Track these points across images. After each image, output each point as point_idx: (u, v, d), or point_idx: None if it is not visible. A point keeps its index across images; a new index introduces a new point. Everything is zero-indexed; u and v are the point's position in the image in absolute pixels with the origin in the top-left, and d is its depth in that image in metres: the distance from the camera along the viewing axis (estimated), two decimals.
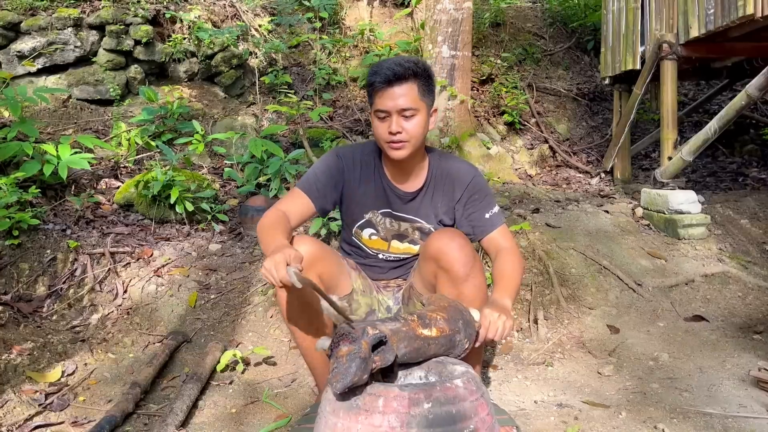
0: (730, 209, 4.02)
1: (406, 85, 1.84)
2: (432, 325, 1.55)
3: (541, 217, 3.82)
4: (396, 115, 1.85)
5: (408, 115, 1.85)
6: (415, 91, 1.85)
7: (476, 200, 2.01)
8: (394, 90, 1.83)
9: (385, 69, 1.83)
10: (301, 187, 1.99)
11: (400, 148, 1.88)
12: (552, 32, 7.06)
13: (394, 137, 1.86)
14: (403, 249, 2.12)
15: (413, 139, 1.88)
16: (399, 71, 1.82)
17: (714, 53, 4.17)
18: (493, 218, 2.01)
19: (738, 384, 2.38)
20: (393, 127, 1.84)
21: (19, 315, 2.87)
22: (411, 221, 2.07)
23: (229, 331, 2.90)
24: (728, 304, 3.22)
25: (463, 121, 5.10)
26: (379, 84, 1.84)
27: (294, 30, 6.15)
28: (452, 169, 2.05)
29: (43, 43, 5.07)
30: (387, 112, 1.85)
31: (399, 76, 1.82)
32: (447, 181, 2.03)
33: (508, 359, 2.72)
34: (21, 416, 2.19)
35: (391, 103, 1.84)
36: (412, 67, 1.84)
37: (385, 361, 1.42)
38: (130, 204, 3.82)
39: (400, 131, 1.85)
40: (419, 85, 1.86)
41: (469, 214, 2.02)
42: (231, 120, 5.13)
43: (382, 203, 2.05)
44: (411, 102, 1.84)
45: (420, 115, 1.87)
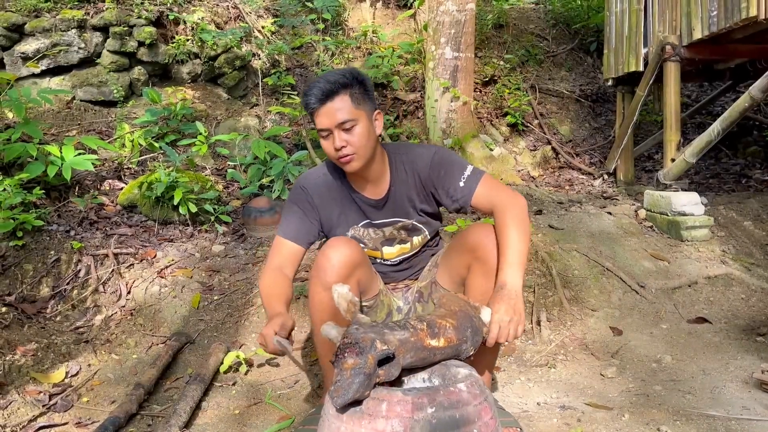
0: (733, 211, 4.01)
1: (339, 99, 1.83)
2: (440, 335, 1.54)
3: (544, 218, 3.82)
4: (336, 131, 1.83)
5: (348, 127, 1.84)
6: (349, 102, 1.84)
7: (444, 175, 1.96)
8: (327, 107, 1.82)
9: (315, 89, 1.83)
10: (282, 234, 2.01)
11: (350, 161, 1.87)
12: (555, 34, 7.06)
13: (341, 152, 1.85)
14: (396, 252, 2.12)
15: (360, 149, 1.86)
16: (328, 88, 1.82)
17: (717, 55, 4.16)
18: (469, 181, 1.94)
19: (741, 386, 2.37)
20: (336, 142, 1.83)
21: (23, 316, 2.88)
22: (392, 223, 2.06)
23: (233, 333, 2.91)
24: (731, 306, 3.22)
25: (465, 122, 5.10)
26: (314, 105, 1.84)
27: (297, 31, 6.16)
28: (411, 157, 2.03)
29: (47, 44, 5.09)
30: (327, 129, 1.85)
31: (329, 92, 1.82)
32: (410, 172, 2.01)
33: (511, 361, 2.73)
34: (25, 417, 2.20)
35: (328, 120, 1.83)
36: (340, 80, 1.84)
37: (389, 376, 1.42)
38: (133, 205, 3.83)
39: (345, 144, 1.84)
40: (352, 95, 1.85)
41: (446, 190, 1.97)
42: (234, 121, 5.14)
43: (359, 216, 2.05)
44: (347, 114, 1.83)
45: (360, 124, 1.85)
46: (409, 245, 2.11)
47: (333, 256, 1.81)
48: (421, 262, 2.18)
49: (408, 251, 2.12)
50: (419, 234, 2.09)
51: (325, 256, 1.82)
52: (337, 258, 1.81)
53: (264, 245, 3.58)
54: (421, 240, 2.11)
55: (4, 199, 3.22)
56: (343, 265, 1.81)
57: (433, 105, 5.07)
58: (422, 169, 1.99)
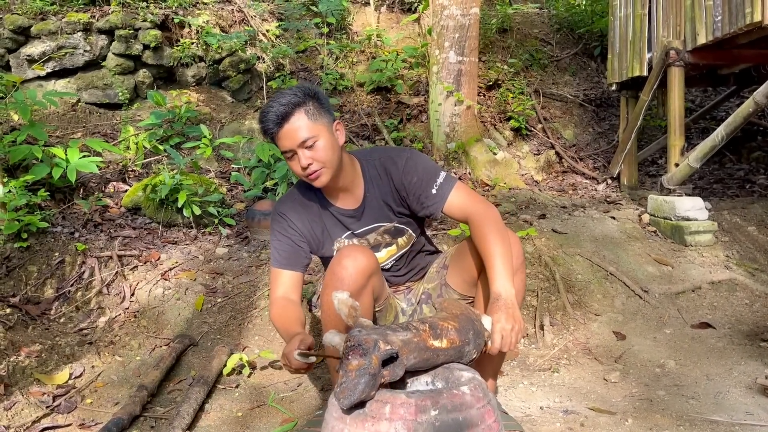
0: (737, 216, 4.01)
1: (294, 118, 1.81)
2: (443, 336, 1.53)
3: (548, 222, 3.82)
4: (299, 150, 1.82)
5: (309, 144, 1.82)
6: (306, 120, 1.82)
7: (416, 183, 1.94)
8: (285, 129, 1.81)
9: (270, 114, 1.82)
10: (277, 265, 2.02)
11: (318, 176, 1.86)
12: (559, 38, 7.07)
13: (308, 170, 1.84)
14: (385, 256, 2.11)
15: (327, 162, 1.85)
16: (282, 110, 1.80)
17: (721, 60, 4.16)
18: (441, 188, 1.93)
19: (745, 391, 2.37)
20: (302, 161, 1.82)
21: (27, 317, 2.89)
22: (374, 229, 2.05)
23: (236, 335, 2.91)
24: (735, 312, 3.21)
25: (469, 126, 5.10)
26: (272, 129, 1.83)
27: (301, 35, 6.18)
28: (383, 161, 2.01)
29: (52, 47, 5.11)
30: (290, 150, 1.83)
31: (284, 114, 1.80)
32: (383, 175, 2.00)
33: (514, 365, 2.72)
34: (29, 418, 2.21)
35: (289, 142, 1.82)
36: (292, 100, 1.82)
37: (394, 375, 1.42)
38: (137, 207, 3.84)
39: (310, 162, 1.82)
40: (306, 111, 1.83)
41: (417, 197, 1.96)
42: (238, 124, 5.15)
43: (340, 229, 2.04)
44: (306, 132, 1.81)
45: (322, 138, 1.84)
46: (395, 246, 2.10)
47: (349, 264, 1.79)
48: (416, 262, 2.18)
49: (395, 252, 2.11)
50: (403, 234, 2.09)
51: (341, 264, 1.80)
52: (354, 267, 1.78)
53: (268, 248, 3.59)
54: (406, 239, 2.10)
55: (9, 200, 3.23)
56: (359, 274, 1.78)
57: (436, 109, 5.07)
58: (394, 173, 1.98)
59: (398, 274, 2.16)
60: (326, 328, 1.90)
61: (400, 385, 1.56)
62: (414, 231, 2.12)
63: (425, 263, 2.21)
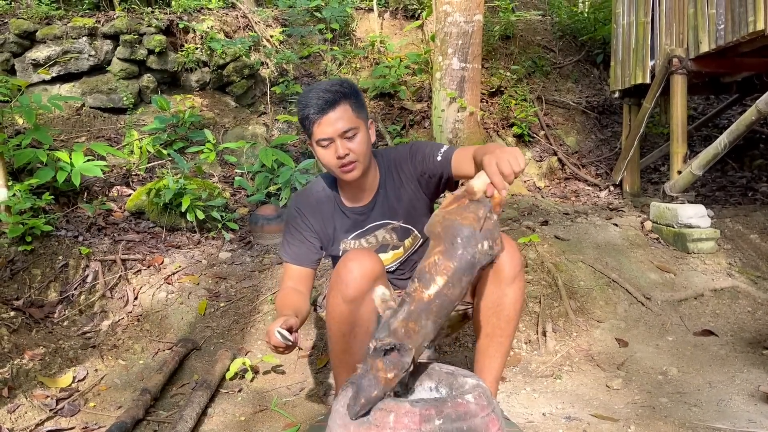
0: (739, 224, 4.01)
1: (340, 108, 1.85)
2: (434, 274, 1.40)
3: (550, 229, 3.83)
4: (339, 139, 1.85)
5: (350, 135, 1.86)
6: (350, 111, 1.86)
7: (423, 158, 1.98)
8: (329, 116, 1.83)
9: (315, 99, 1.84)
10: (289, 260, 2.06)
11: (352, 170, 1.89)
12: (561, 45, 7.09)
13: (344, 160, 1.86)
14: (391, 258, 2.13)
15: (361, 156, 1.89)
16: (330, 97, 1.83)
17: (724, 68, 4.17)
18: (446, 152, 1.94)
19: (747, 399, 2.37)
20: (340, 151, 1.85)
21: (31, 320, 2.90)
22: (383, 226, 2.08)
23: (239, 339, 2.92)
24: (738, 319, 3.21)
25: (472, 132, 5.12)
26: (314, 114, 1.84)
27: (305, 41, 6.20)
28: (393, 156, 2.06)
29: (58, 51, 5.14)
30: (329, 138, 1.86)
31: (331, 102, 1.83)
32: (395, 170, 2.04)
33: (516, 371, 2.72)
34: (32, 421, 2.22)
35: (331, 129, 1.84)
36: (340, 90, 1.86)
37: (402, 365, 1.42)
38: (141, 211, 3.85)
39: (347, 152, 1.86)
40: (351, 104, 1.87)
41: (428, 167, 1.98)
42: (242, 129, 5.17)
43: (350, 228, 2.07)
44: (349, 122, 1.85)
45: (361, 132, 1.89)
46: (402, 249, 2.12)
47: (354, 268, 1.80)
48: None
49: (401, 255, 2.13)
50: (409, 235, 2.11)
51: (347, 268, 1.81)
52: (359, 270, 1.79)
53: (271, 253, 3.59)
54: (411, 241, 2.12)
55: (14, 204, 3.25)
56: (365, 278, 1.79)
57: (439, 115, 5.09)
58: (403, 163, 2.02)
59: (402, 277, 2.17)
60: (330, 330, 1.91)
61: (405, 390, 1.57)
62: (420, 232, 2.13)
63: None
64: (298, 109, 1.91)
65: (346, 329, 1.85)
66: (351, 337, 1.88)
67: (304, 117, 1.88)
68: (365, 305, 1.81)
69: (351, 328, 1.85)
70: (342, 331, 1.86)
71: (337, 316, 1.85)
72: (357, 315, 1.83)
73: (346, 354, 1.91)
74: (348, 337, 1.88)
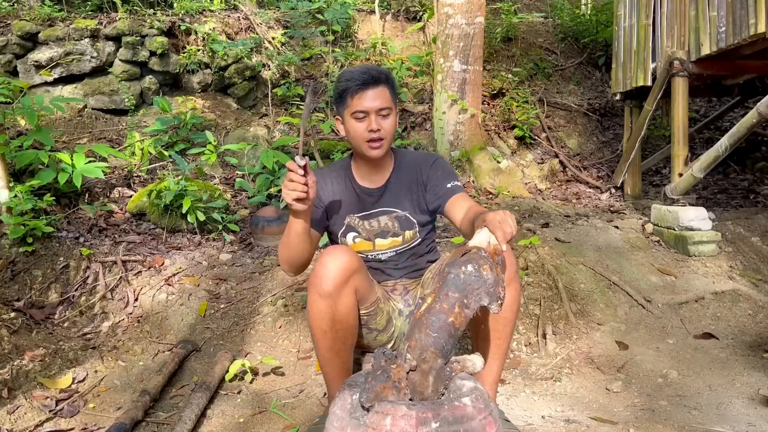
0: (741, 227, 4.00)
1: (381, 88, 1.99)
2: (427, 297, 1.54)
3: (551, 231, 3.82)
4: (374, 115, 1.98)
5: (384, 114, 1.99)
6: (388, 94, 2.01)
7: (439, 175, 2.12)
8: (372, 91, 1.98)
9: (359, 73, 1.99)
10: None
11: (379, 147, 2.01)
12: (563, 47, 7.09)
13: (374, 135, 1.98)
14: (388, 244, 2.17)
15: (388, 136, 2.02)
16: (374, 74, 1.98)
17: (725, 71, 4.17)
18: (455, 187, 2.09)
19: (747, 403, 2.36)
20: (373, 125, 1.97)
21: (31, 321, 2.91)
22: (387, 212, 2.15)
23: (238, 341, 2.92)
24: (738, 322, 3.20)
25: (473, 134, 5.12)
26: (356, 87, 1.97)
27: (307, 43, 6.21)
28: (416, 157, 2.21)
29: (60, 53, 5.15)
30: (366, 111, 1.98)
31: (374, 79, 1.97)
32: (413, 167, 2.16)
33: (516, 374, 2.72)
34: (32, 422, 2.22)
35: (369, 103, 1.97)
36: (384, 72, 2.02)
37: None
38: (142, 213, 3.86)
39: (380, 129, 1.98)
40: (389, 88, 2.01)
41: (432, 186, 2.12)
42: (243, 131, 5.18)
43: (357, 207, 2.15)
44: (386, 102, 1.99)
45: (393, 115, 2.03)
46: (401, 239, 2.17)
47: (329, 263, 1.85)
48: (417, 262, 2.22)
49: (399, 244, 2.17)
50: (411, 228, 2.16)
51: (322, 264, 1.86)
52: (333, 266, 1.85)
53: (271, 254, 3.60)
54: (412, 235, 2.17)
55: (15, 205, 3.26)
56: (340, 272, 1.84)
57: (441, 117, 5.09)
58: (424, 165, 2.14)
59: (395, 267, 2.20)
60: (312, 329, 1.95)
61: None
62: (421, 231, 2.19)
63: (424, 263, 2.25)
64: (338, 82, 2.03)
65: (326, 326, 1.89)
66: (333, 333, 1.92)
67: (344, 89, 2.00)
68: (342, 300, 1.86)
69: (332, 324, 1.89)
70: (323, 328, 1.90)
71: (316, 313, 1.89)
72: (335, 310, 1.87)
73: (330, 352, 1.95)
74: (330, 334, 1.92)
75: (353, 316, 1.93)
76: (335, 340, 1.93)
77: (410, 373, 1.46)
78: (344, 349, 1.98)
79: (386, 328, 2.14)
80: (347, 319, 1.91)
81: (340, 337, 1.93)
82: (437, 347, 1.48)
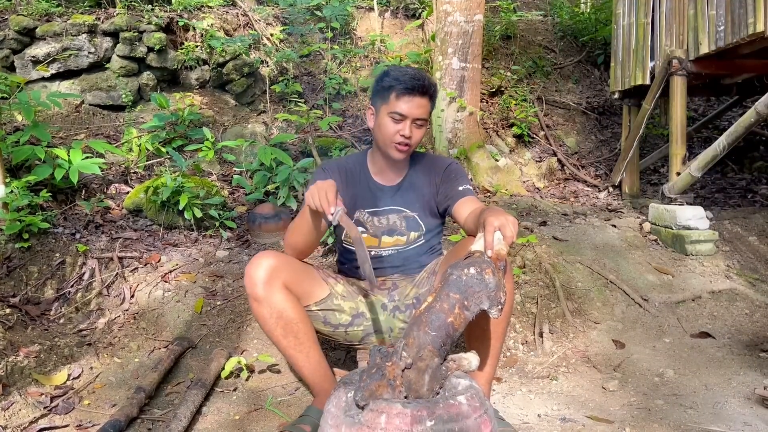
0: (738, 226, 4.00)
1: (425, 99, 2.03)
2: (428, 296, 1.57)
3: (548, 230, 3.82)
4: (411, 122, 2.02)
5: (419, 124, 2.05)
6: (429, 106, 2.06)
7: (451, 178, 2.17)
8: (416, 99, 2.01)
9: (411, 77, 2.00)
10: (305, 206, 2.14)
11: (404, 151, 2.07)
12: (562, 46, 7.08)
13: (405, 140, 2.03)
14: (392, 242, 2.22)
15: (416, 144, 2.09)
16: (425, 84, 2.02)
17: (724, 70, 4.17)
18: (464, 190, 2.14)
19: (743, 402, 2.36)
20: (407, 131, 2.02)
21: (26, 317, 2.90)
22: (397, 211, 2.19)
23: (235, 338, 2.91)
24: (735, 322, 3.20)
25: (471, 132, 5.11)
26: (403, 89, 1.99)
27: (305, 40, 6.19)
28: (431, 159, 2.28)
29: (57, 48, 5.13)
30: (405, 116, 2.01)
31: (423, 89, 2.01)
32: (427, 169, 2.21)
33: (513, 372, 2.72)
34: (26, 418, 2.21)
35: (411, 110, 2.01)
36: (434, 85, 2.06)
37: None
38: (139, 209, 3.85)
39: (410, 136, 2.03)
40: (431, 102, 2.06)
41: (446, 189, 2.16)
42: (241, 128, 5.16)
43: (368, 202, 2.19)
44: (425, 113, 2.05)
45: (425, 126, 2.09)
46: (405, 239, 2.21)
47: (253, 269, 1.97)
48: (413, 261, 2.24)
49: (402, 244, 2.22)
50: (417, 230, 2.21)
51: (248, 272, 1.98)
52: (257, 270, 1.96)
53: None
54: (416, 237, 2.22)
55: (11, 200, 3.24)
56: (265, 274, 1.95)
57: (439, 115, 5.08)
58: (439, 169, 2.20)
59: (392, 264, 2.24)
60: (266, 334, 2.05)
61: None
62: (427, 233, 2.23)
63: (421, 264, 2.26)
64: (386, 76, 2.05)
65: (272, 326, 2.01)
66: (281, 331, 2.01)
67: (390, 86, 2.02)
68: (275, 297, 1.96)
69: (275, 323, 2.00)
70: (270, 329, 2.01)
71: (258, 317, 2.02)
72: (272, 309, 1.97)
73: (289, 349, 2.05)
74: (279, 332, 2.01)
75: (293, 310, 2.00)
76: (287, 337, 2.02)
77: (405, 371, 1.46)
78: (301, 344, 2.04)
79: (353, 322, 2.18)
80: (287, 314, 1.99)
81: (292, 332, 2.02)
82: (435, 346, 1.48)
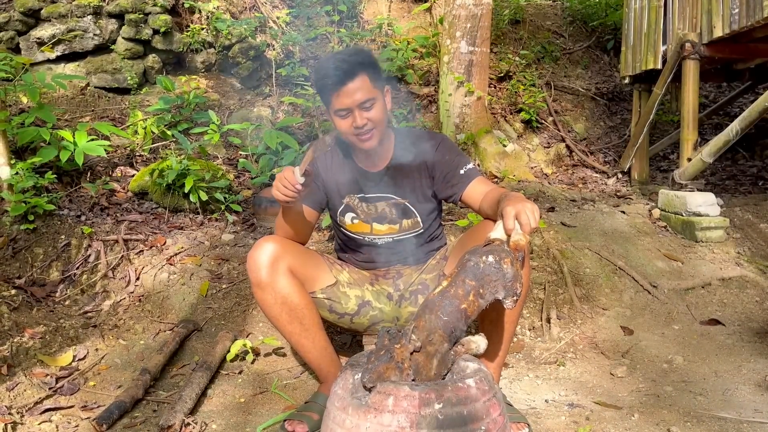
0: (749, 213, 3.96)
1: (359, 79, 1.84)
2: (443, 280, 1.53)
3: (557, 216, 3.78)
4: (357, 110, 1.86)
5: (368, 106, 1.87)
6: (368, 82, 1.86)
7: (448, 161, 2.03)
8: (348, 87, 1.84)
9: (333, 69, 1.84)
10: None
11: (369, 138, 1.91)
12: (572, 30, 6.99)
13: (362, 129, 1.88)
14: (385, 230, 2.15)
15: (378, 124, 1.91)
16: (348, 68, 1.83)
17: (737, 54, 4.10)
18: (469, 172, 2.01)
19: (754, 389, 2.34)
20: (358, 121, 1.86)
21: (32, 299, 2.89)
22: (385, 199, 2.11)
23: (240, 321, 2.90)
24: (745, 309, 3.17)
25: (479, 117, 5.06)
26: (333, 85, 1.85)
27: (312, 23, 6.13)
28: (417, 136, 2.11)
29: (62, 30, 5.09)
30: (347, 109, 1.87)
31: (349, 72, 1.83)
32: (415, 149, 2.05)
33: (520, 357, 2.70)
34: (31, 399, 2.21)
35: (349, 100, 1.85)
36: (358, 60, 1.86)
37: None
38: (144, 192, 3.83)
39: (365, 122, 1.87)
40: (369, 74, 1.87)
41: (445, 175, 2.03)
42: (247, 111, 5.13)
43: (356, 188, 2.11)
44: (367, 93, 1.86)
45: (378, 101, 1.90)
46: (398, 226, 2.14)
47: (256, 255, 1.94)
48: (414, 249, 2.20)
49: (396, 232, 2.15)
50: (410, 217, 2.13)
51: (250, 257, 1.95)
52: (260, 256, 1.93)
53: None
54: (410, 224, 2.14)
55: (16, 182, 3.23)
56: (268, 260, 1.92)
57: (446, 99, 5.03)
58: (428, 150, 2.04)
59: (392, 252, 2.19)
60: (270, 320, 2.02)
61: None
62: (423, 221, 2.14)
63: (424, 252, 2.21)
64: (316, 78, 1.94)
65: (276, 312, 1.96)
66: (286, 317, 1.97)
67: (321, 87, 1.91)
68: (280, 283, 1.92)
69: (280, 309, 1.96)
70: (275, 315, 1.97)
71: (262, 303, 1.97)
72: (277, 295, 1.93)
73: (294, 335, 2.01)
74: (284, 318, 1.97)
75: (298, 295, 1.96)
76: (292, 324, 1.98)
77: (414, 354, 1.44)
78: (307, 330, 2.01)
79: (359, 312, 2.15)
80: (292, 299, 1.95)
81: (297, 318, 1.98)
82: (446, 331, 1.45)
